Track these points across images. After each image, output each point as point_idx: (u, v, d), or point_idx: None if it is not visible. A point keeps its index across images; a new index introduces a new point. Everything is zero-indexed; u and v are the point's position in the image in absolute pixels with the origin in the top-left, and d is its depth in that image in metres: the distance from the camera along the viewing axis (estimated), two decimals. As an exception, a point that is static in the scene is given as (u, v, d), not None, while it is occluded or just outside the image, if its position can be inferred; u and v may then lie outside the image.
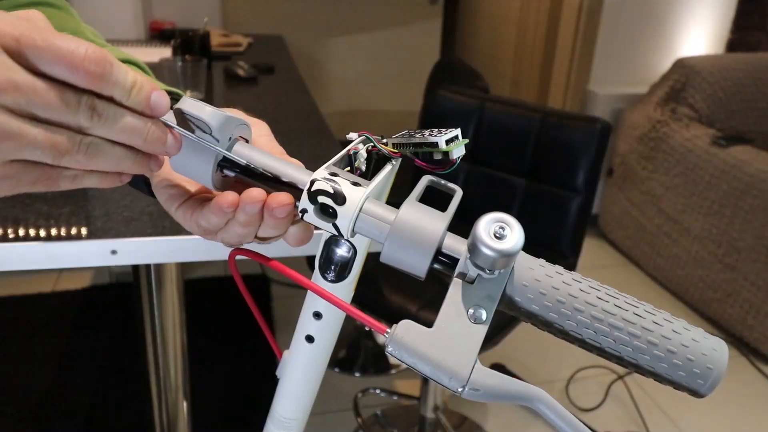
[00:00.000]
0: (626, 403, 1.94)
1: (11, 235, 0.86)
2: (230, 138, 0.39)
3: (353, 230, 0.37)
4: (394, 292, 1.44)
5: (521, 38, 3.19)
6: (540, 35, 2.99)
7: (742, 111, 2.57)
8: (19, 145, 0.30)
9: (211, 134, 0.37)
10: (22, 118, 0.30)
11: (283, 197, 0.37)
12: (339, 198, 0.36)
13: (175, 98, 0.40)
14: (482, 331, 0.34)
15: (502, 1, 3.36)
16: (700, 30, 2.86)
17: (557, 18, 2.85)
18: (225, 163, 0.39)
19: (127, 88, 0.33)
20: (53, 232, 0.87)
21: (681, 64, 2.55)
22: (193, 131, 0.37)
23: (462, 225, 0.37)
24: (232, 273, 0.45)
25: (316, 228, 0.39)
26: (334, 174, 0.37)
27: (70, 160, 0.32)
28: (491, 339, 1.42)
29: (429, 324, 0.34)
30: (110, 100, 0.33)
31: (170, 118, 0.37)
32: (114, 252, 0.87)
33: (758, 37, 2.94)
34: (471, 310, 0.34)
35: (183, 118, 0.37)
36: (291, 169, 0.39)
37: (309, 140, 1.35)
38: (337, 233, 0.37)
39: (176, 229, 0.90)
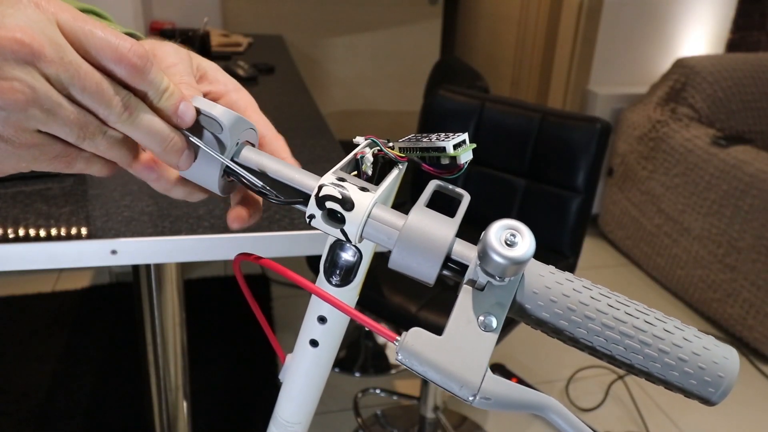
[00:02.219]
0: (626, 403, 1.94)
1: (11, 235, 0.85)
2: (237, 142, 0.39)
3: (361, 236, 0.37)
4: (394, 292, 1.44)
5: (521, 38, 3.19)
6: (540, 35, 2.99)
7: (742, 111, 2.57)
8: (53, 116, 0.31)
9: (221, 135, 0.37)
10: (59, 93, 0.31)
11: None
12: (347, 203, 0.36)
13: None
14: (493, 338, 0.34)
15: (502, 1, 3.36)
16: (700, 30, 2.86)
17: (557, 18, 2.84)
18: (231, 169, 0.39)
19: (161, 90, 0.34)
20: (53, 232, 0.87)
21: (681, 64, 2.55)
22: (201, 132, 0.37)
23: (462, 226, 0.36)
24: (236, 277, 0.45)
25: (315, 228, 0.39)
26: (341, 179, 0.37)
27: (90, 144, 0.33)
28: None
29: (432, 325, 0.34)
30: (142, 99, 0.34)
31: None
32: (114, 252, 0.86)
33: (758, 37, 2.94)
34: (481, 318, 0.34)
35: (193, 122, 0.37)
36: (298, 175, 0.39)
37: (309, 140, 1.34)
38: (345, 239, 0.37)
39: (176, 229, 0.89)
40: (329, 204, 0.36)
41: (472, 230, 0.34)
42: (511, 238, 0.32)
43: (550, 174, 1.58)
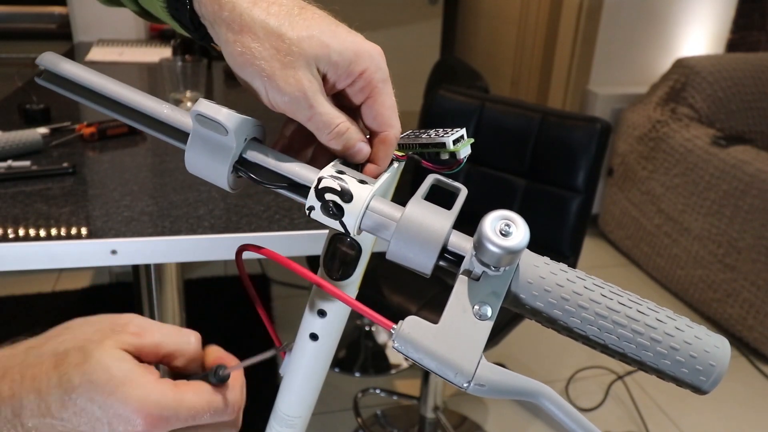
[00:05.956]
0: (626, 404, 1.94)
1: (11, 235, 0.86)
2: (246, 139, 0.39)
3: (360, 228, 0.37)
4: (395, 292, 1.44)
5: (521, 38, 3.19)
6: (540, 35, 3.00)
7: (742, 111, 2.57)
8: None
9: (226, 136, 0.38)
10: None
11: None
12: (346, 195, 0.36)
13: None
14: (487, 327, 0.34)
15: (502, 1, 3.36)
16: (700, 30, 2.86)
17: (557, 18, 2.85)
18: (239, 165, 0.40)
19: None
20: (53, 232, 0.87)
21: (681, 64, 2.56)
22: (208, 133, 0.38)
23: (462, 225, 0.37)
24: (238, 269, 0.45)
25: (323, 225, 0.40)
26: (341, 172, 0.38)
27: None
28: (492, 338, 1.42)
29: (431, 322, 0.34)
30: None
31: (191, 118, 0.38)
32: (114, 252, 0.86)
33: (758, 37, 2.95)
34: (476, 307, 0.34)
35: (202, 119, 0.38)
36: (299, 168, 0.39)
37: (310, 140, 1.35)
38: (343, 231, 0.37)
39: (176, 229, 0.90)
40: (328, 196, 0.37)
41: (472, 230, 0.34)
42: (505, 228, 0.32)
43: (550, 174, 1.58)
